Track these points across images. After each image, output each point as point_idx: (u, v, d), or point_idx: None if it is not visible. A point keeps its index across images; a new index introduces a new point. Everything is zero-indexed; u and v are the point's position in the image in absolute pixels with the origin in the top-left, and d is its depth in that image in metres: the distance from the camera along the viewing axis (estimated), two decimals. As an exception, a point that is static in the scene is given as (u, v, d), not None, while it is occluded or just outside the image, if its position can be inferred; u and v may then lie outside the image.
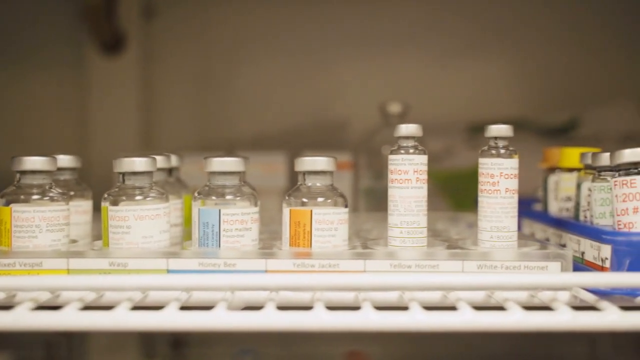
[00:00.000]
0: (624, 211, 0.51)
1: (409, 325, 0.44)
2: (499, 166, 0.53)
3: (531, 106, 1.13)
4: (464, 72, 1.13)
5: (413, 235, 0.53)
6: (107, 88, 1.09)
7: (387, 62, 1.13)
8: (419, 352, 0.99)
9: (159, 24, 1.12)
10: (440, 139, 1.06)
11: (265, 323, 0.43)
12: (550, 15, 1.13)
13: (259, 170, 0.89)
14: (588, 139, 1.05)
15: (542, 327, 0.44)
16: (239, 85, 1.13)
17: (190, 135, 1.13)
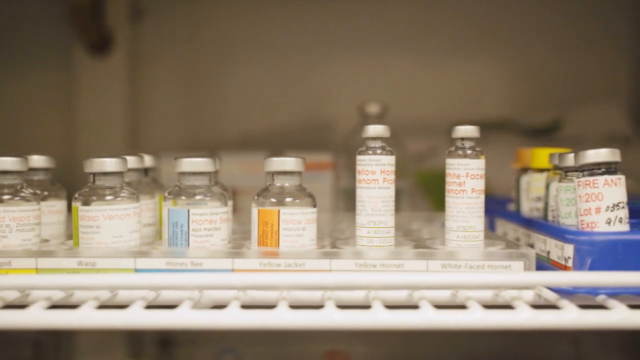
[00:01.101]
0: (587, 211, 0.51)
1: (371, 324, 0.44)
2: (465, 166, 0.54)
3: (515, 107, 1.14)
4: (449, 73, 1.14)
5: (380, 234, 0.53)
6: (94, 89, 1.10)
7: (372, 62, 1.14)
8: (404, 352, 0.99)
9: (146, 25, 1.13)
10: (425, 139, 1.07)
11: (227, 321, 0.43)
12: (534, 17, 1.13)
13: (243, 170, 0.89)
14: (571, 139, 1.06)
15: (501, 325, 0.45)
16: (226, 86, 1.13)
17: (177, 135, 1.14)
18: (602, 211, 0.51)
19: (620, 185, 0.51)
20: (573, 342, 1.03)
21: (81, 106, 1.09)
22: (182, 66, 1.14)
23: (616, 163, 0.52)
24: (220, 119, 1.14)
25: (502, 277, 0.47)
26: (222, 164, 0.89)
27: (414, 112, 1.11)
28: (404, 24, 1.13)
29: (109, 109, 1.10)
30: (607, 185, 0.51)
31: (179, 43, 1.14)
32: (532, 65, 1.14)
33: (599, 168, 0.52)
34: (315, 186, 0.91)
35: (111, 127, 1.10)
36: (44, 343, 1.02)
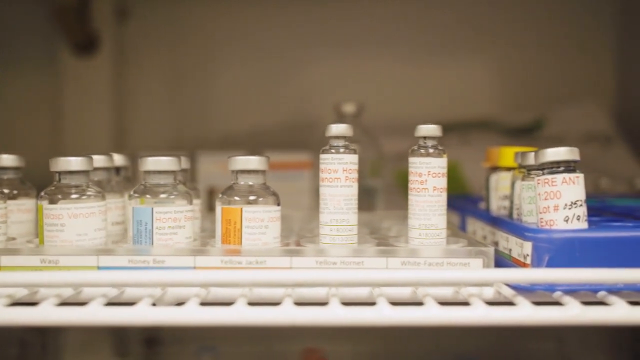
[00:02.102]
0: (546, 209, 0.52)
1: (327, 320, 0.45)
2: (426, 165, 0.54)
3: (498, 106, 1.14)
4: (432, 73, 1.14)
5: (342, 232, 0.54)
6: (80, 89, 1.10)
7: (355, 63, 1.14)
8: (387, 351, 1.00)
9: (131, 25, 1.13)
10: (407, 138, 1.07)
11: (184, 318, 0.44)
12: (517, 17, 1.14)
13: (222, 170, 0.90)
14: (552, 139, 1.06)
15: (456, 322, 0.45)
16: (210, 86, 1.14)
17: (162, 134, 1.15)
18: (560, 209, 0.51)
19: (579, 183, 0.52)
20: (556, 340, 1.04)
21: (67, 106, 1.10)
22: (167, 66, 1.15)
23: (575, 162, 0.53)
24: (204, 118, 1.15)
25: (458, 274, 0.48)
26: (202, 164, 0.90)
27: (397, 111, 1.11)
28: (388, 25, 1.13)
29: (94, 109, 1.11)
30: (565, 184, 0.51)
31: (164, 43, 1.15)
32: (515, 65, 1.15)
33: (558, 166, 0.52)
34: (295, 185, 0.93)
35: (97, 126, 1.11)
36: (29, 342, 1.03)
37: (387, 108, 1.11)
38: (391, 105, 1.12)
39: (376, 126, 1.00)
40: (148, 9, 1.14)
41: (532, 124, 1.09)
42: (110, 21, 1.12)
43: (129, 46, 1.14)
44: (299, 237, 0.59)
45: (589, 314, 0.45)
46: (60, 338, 1.02)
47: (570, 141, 1.06)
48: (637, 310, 0.45)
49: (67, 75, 1.10)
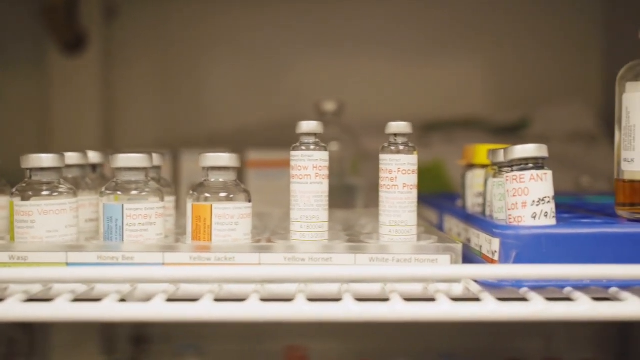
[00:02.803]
0: (514, 205, 0.52)
1: (292, 315, 0.45)
2: (396, 162, 0.55)
3: (485, 105, 1.14)
4: (418, 72, 1.15)
5: (313, 229, 0.54)
6: (68, 88, 1.11)
7: (343, 62, 1.14)
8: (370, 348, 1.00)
9: (120, 24, 1.13)
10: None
11: (149, 313, 0.44)
12: (503, 16, 1.14)
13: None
14: (537, 137, 1.06)
15: (421, 317, 0.45)
16: (198, 85, 1.14)
17: (151, 133, 1.15)
18: (528, 205, 0.52)
19: (547, 180, 0.52)
20: (544, 337, 1.04)
21: (55, 105, 1.10)
22: (156, 65, 1.15)
23: (544, 158, 0.53)
24: (191, 117, 1.15)
25: (423, 270, 0.48)
26: (185, 162, 0.91)
27: (384, 110, 1.11)
28: (376, 25, 1.14)
29: (83, 108, 1.11)
30: (533, 180, 0.52)
31: (153, 42, 1.15)
32: (503, 64, 1.15)
33: (527, 163, 0.53)
34: (279, 183, 0.93)
35: (85, 125, 1.11)
36: (18, 340, 1.03)
37: (374, 107, 1.11)
38: (378, 104, 1.13)
39: (364, 125, 1.00)
40: (136, 8, 1.14)
41: (517, 123, 1.09)
42: (98, 20, 1.12)
43: (117, 45, 1.14)
44: (272, 234, 0.59)
45: (552, 310, 0.45)
46: (48, 336, 1.02)
47: (555, 140, 1.06)
48: (600, 306, 0.45)
49: (55, 74, 1.10)
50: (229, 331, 0.98)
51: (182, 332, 1.02)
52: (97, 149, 1.06)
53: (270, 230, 0.63)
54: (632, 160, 0.53)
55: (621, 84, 0.54)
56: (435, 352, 0.97)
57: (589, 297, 0.47)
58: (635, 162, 0.53)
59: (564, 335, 1.05)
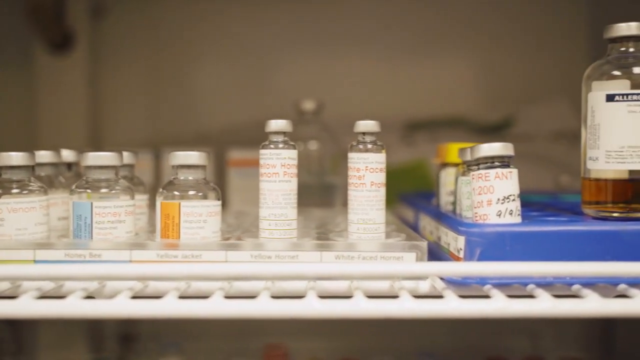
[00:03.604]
0: (480, 203, 0.53)
1: (254, 312, 0.45)
2: (364, 160, 0.55)
3: (469, 105, 1.15)
4: (404, 72, 1.15)
5: (281, 227, 0.55)
6: (55, 86, 1.11)
7: (329, 62, 1.15)
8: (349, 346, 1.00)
9: (108, 22, 1.14)
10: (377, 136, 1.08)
11: (111, 310, 0.45)
12: (489, 17, 1.14)
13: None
14: (521, 136, 1.07)
15: (382, 314, 0.46)
16: (186, 84, 1.15)
17: (138, 131, 1.15)
18: (493, 203, 0.52)
19: (512, 178, 0.52)
20: (531, 336, 1.04)
21: (42, 104, 1.10)
22: (143, 64, 1.15)
23: (510, 157, 0.53)
24: (179, 115, 1.15)
25: (388, 267, 0.48)
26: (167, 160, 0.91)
27: (369, 109, 1.11)
28: (363, 25, 1.14)
29: (70, 107, 1.11)
30: (498, 179, 0.52)
31: (141, 42, 1.15)
32: (487, 63, 1.15)
33: (492, 162, 0.53)
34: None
35: (73, 124, 1.11)
36: (5, 339, 1.03)
37: (360, 106, 1.12)
38: (364, 103, 1.13)
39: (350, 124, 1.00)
40: (124, 7, 1.14)
41: (501, 122, 1.09)
42: (85, 19, 1.12)
43: (105, 44, 1.14)
44: (244, 232, 0.60)
45: (513, 307, 0.45)
46: (36, 335, 1.03)
47: (539, 139, 1.07)
48: (560, 303, 0.45)
49: (42, 73, 1.11)
50: (211, 329, 0.99)
51: (171, 330, 1.02)
52: (84, 147, 1.07)
53: (243, 228, 0.63)
54: (597, 159, 0.53)
55: (587, 83, 0.55)
56: (417, 350, 0.97)
57: (550, 294, 0.47)
58: (599, 160, 0.53)
59: (550, 334, 1.05)
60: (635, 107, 0.51)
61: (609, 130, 0.52)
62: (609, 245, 0.50)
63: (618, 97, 0.52)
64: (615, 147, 0.52)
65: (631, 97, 0.52)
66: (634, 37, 0.53)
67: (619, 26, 0.54)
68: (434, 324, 0.83)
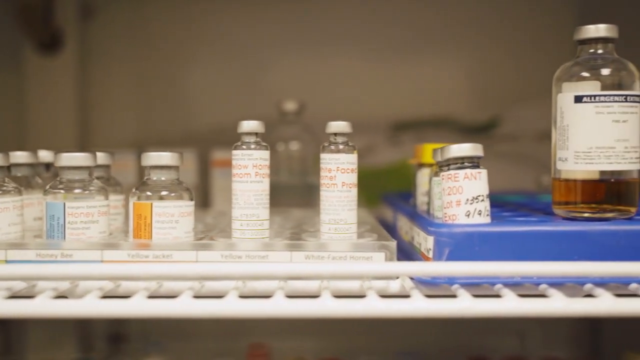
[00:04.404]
0: (449, 204, 0.53)
1: (221, 311, 0.46)
2: (335, 161, 0.55)
3: (455, 105, 1.15)
4: (391, 72, 1.15)
5: (253, 227, 0.55)
6: (44, 87, 1.11)
7: (316, 62, 1.15)
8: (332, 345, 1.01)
9: (97, 23, 1.14)
10: (364, 136, 1.09)
11: (79, 309, 0.45)
12: (475, 17, 1.14)
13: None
14: (507, 136, 1.07)
15: (351, 313, 0.46)
16: (175, 84, 1.15)
17: (127, 131, 1.15)
18: (462, 204, 0.52)
19: (481, 179, 0.53)
20: (519, 336, 1.05)
21: (31, 104, 1.10)
22: (133, 65, 1.16)
23: (479, 157, 0.54)
24: (168, 116, 1.15)
25: (355, 266, 0.49)
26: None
27: (355, 109, 1.12)
28: (351, 25, 1.14)
29: (59, 107, 1.11)
30: (467, 179, 0.52)
31: (130, 42, 1.15)
32: (475, 64, 1.15)
33: (462, 162, 0.53)
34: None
35: (61, 124, 1.12)
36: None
37: (347, 106, 1.12)
38: (352, 103, 1.13)
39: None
40: (113, 7, 1.14)
41: (487, 123, 1.09)
42: (74, 19, 1.12)
43: (94, 44, 1.14)
44: (219, 232, 0.60)
45: (478, 307, 0.46)
46: (24, 334, 1.03)
47: (524, 139, 1.07)
48: (526, 303, 0.46)
49: (31, 73, 1.11)
50: (197, 329, 0.99)
51: (158, 330, 1.02)
52: (73, 148, 1.07)
53: (220, 228, 0.64)
54: (566, 160, 0.54)
55: (557, 85, 0.55)
56: (398, 349, 0.97)
57: (518, 294, 0.48)
58: (568, 161, 0.53)
59: (537, 333, 1.05)
60: (602, 108, 0.52)
61: (578, 131, 0.53)
62: (577, 246, 0.51)
63: (586, 98, 0.52)
64: (584, 147, 0.52)
65: (599, 99, 0.52)
66: (602, 39, 0.54)
67: (587, 28, 0.54)
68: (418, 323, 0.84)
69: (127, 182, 0.76)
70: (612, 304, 0.46)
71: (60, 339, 1.05)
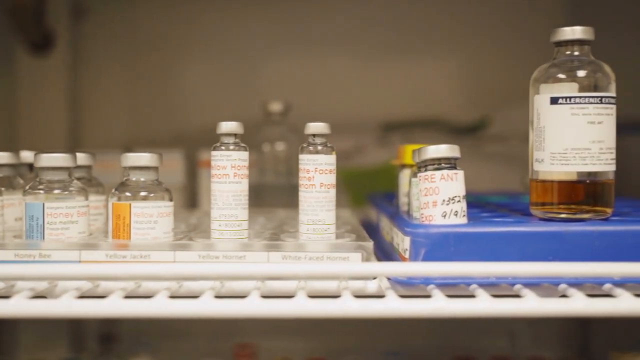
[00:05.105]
0: (426, 204, 0.53)
1: (196, 312, 0.46)
2: (314, 162, 0.56)
3: (444, 106, 1.15)
4: (379, 73, 1.15)
5: (231, 227, 0.55)
6: (36, 87, 1.11)
7: (306, 63, 1.15)
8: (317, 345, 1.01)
9: (88, 24, 1.14)
10: (353, 136, 1.09)
11: (54, 310, 0.45)
12: (466, 18, 1.14)
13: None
14: (496, 137, 1.08)
15: (325, 313, 0.46)
16: (166, 85, 1.15)
17: (119, 132, 1.15)
18: (438, 205, 0.53)
19: (457, 180, 0.53)
20: (509, 335, 1.05)
21: (22, 104, 1.11)
22: (124, 65, 1.16)
23: (456, 159, 0.54)
24: (159, 116, 1.15)
25: (329, 267, 0.49)
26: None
27: (344, 111, 1.12)
28: (340, 25, 1.14)
29: (50, 107, 1.12)
30: (443, 180, 0.53)
31: (122, 42, 1.15)
32: (465, 64, 1.15)
33: (439, 163, 0.54)
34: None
35: (53, 124, 1.12)
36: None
37: (336, 106, 1.12)
38: (340, 104, 1.13)
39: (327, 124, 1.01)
40: (104, 8, 1.15)
41: (476, 123, 1.10)
42: (66, 20, 1.12)
43: (85, 45, 1.15)
44: (199, 233, 0.60)
45: (451, 307, 0.46)
46: (16, 334, 1.03)
47: (514, 140, 1.08)
48: (498, 303, 0.46)
49: (22, 74, 1.11)
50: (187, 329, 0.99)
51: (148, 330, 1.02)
52: (64, 148, 1.08)
53: (202, 229, 0.64)
54: (542, 161, 0.54)
55: (535, 86, 0.55)
56: (386, 349, 0.98)
57: (493, 294, 0.48)
58: (545, 162, 0.54)
59: (525, 333, 1.06)
60: (578, 109, 0.52)
61: (553, 132, 0.53)
62: (551, 246, 0.51)
63: (562, 100, 0.52)
64: (560, 149, 0.53)
65: (574, 100, 0.52)
66: (578, 41, 0.54)
67: (563, 30, 0.54)
68: (406, 323, 0.84)
69: (115, 182, 0.77)
70: (585, 304, 0.46)
71: (52, 339, 1.05)
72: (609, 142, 0.53)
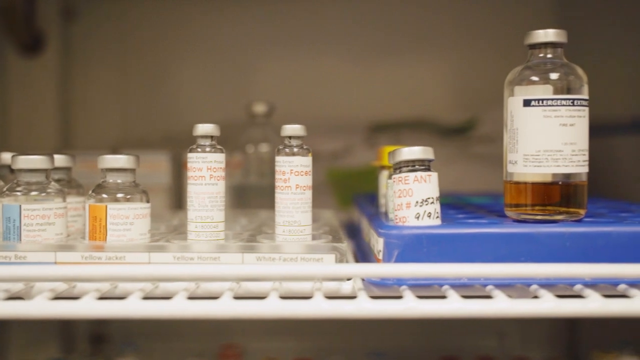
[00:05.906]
0: (400, 206, 0.54)
1: (169, 312, 0.46)
2: (289, 163, 0.56)
3: (432, 107, 1.15)
4: (367, 73, 1.15)
5: (207, 229, 0.56)
6: (26, 87, 1.12)
7: (296, 63, 1.15)
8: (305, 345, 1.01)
9: (79, 24, 1.15)
10: (341, 137, 1.10)
11: (27, 311, 0.46)
12: (456, 19, 1.15)
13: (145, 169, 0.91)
14: (484, 138, 1.08)
15: (296, 314, 0.47)
16: (157, 85, 1.15)
17: (109, 133, 1.16)
18: (412, 206, 0.53)
19: (431, 181, 0.53)
20: (498, 336, 1.05)
21: (13, 105, 1.11)
22: (115, 66, 1.16)
23: (430, 160, 0.54)
24: (149, 118, 1.16)
25: (301, 268, 0.49)
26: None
27: (335, 110, 1.13)
28: (330, 26, 1.15)
29: (40, 108, 1.12)
30: (416, 182, 0.53)
31: (112, 43, 1.16)
32: (454, 65, 1.16)
33: (413, 165, 0.54)
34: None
35: (43, 126, 1.12)
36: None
37: (324, 107, 1.12)
38: (328, 104, 1.14)
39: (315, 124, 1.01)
40: (95, 7, 1.15)
41: (464, 124, 1.10)
42: (56, 21, 1.13)
43: (76, 46, 1.15)
44: (179, 234, 0.60)
45: (420, 307, 0.46)
46: (6, 335, 1.04)
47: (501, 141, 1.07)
48: (468, 304, 0.46)
49: (12, 75, 1.12)
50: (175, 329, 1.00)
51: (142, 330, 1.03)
52: (55, 149, 1.08)
53: (180, 230, 0.64)
54: (516, 162, 0.54)
55: (509, 88, 0.56)
56: (371, 350, 0.98)
57: (464, 295, 0.48)
58: (518, 164, 0.54)
59: (517, 335, 1.06)
60: (550, 112, 0.52)
61: (526, 134, 0.53)
62: (524, 247, 0.51)
63: (534, 102, 0.53)
64: (532, 151, 0.53)
65: (546, 102, 0.52)
66: (551, 43, 0.54)
67: (536, 33, 0.55)
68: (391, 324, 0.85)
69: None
70: (554, 305, 0.46)
71: (43, 340, 1.05)
72: (581, 144, 0.53)
